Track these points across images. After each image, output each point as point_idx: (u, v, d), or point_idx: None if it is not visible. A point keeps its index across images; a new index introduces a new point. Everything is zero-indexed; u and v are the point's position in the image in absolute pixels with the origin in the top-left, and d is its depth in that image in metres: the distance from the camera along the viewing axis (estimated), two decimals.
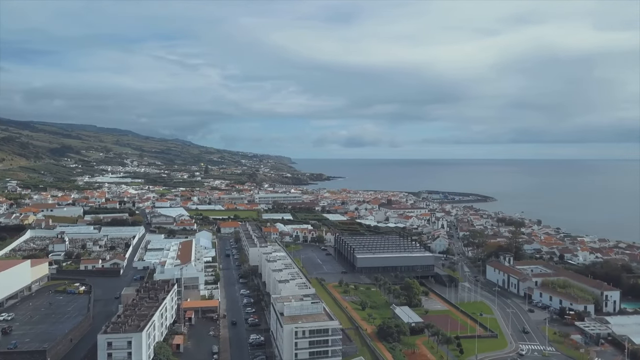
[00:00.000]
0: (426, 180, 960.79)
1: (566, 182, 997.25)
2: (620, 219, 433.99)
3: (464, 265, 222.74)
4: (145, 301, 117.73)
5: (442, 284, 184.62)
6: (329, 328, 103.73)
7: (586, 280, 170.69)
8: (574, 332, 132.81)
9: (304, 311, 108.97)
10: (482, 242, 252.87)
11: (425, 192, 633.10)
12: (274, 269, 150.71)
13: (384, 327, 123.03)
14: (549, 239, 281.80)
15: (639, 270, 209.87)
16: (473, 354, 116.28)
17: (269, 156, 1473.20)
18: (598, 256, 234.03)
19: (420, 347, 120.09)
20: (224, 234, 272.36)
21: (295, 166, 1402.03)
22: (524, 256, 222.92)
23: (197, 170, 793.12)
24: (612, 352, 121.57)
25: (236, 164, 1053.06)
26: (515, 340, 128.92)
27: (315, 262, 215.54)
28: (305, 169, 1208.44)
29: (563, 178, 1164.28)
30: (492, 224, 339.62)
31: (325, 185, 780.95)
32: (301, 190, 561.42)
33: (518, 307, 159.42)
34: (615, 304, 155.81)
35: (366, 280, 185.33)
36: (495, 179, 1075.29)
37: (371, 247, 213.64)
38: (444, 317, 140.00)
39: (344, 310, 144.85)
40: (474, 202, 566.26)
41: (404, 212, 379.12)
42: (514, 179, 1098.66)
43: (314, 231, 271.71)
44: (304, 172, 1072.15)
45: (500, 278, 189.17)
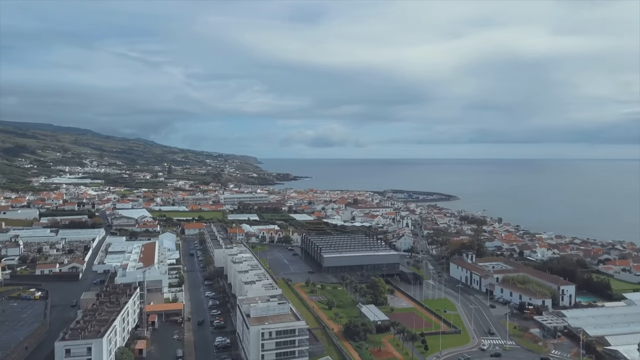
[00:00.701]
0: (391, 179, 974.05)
1: (524, 181, 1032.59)
2: (574, 215, 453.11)
3: (428, 263, 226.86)
4: (106, 306, 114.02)
5: (407, 281, 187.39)
6: (295, 328, 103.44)
7: (544, 275, 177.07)
8: (532, 326, 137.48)
9: (270, 312, 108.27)
10: (446, 240, 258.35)
11: (390, 192, 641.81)
12: (239, 270, 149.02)
13: (351, 326, 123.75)
14: (510, 236, 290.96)
15: (592, 265, 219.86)
16: (437, 350, 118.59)
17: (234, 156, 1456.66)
18: (555, 252, 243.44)
19: (386, 345, 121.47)
20: (188, 236, 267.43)
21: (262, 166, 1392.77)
22: (485, 253, 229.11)
23: (160, 171, 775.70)
24: (568, 344, 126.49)
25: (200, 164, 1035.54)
26: (478, 335, 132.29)
27: (282, 263, 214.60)
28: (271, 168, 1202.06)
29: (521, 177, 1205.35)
30: (455, 222, 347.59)
31: (292, 185, 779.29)
32: (267, 191, 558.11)
33: (480, 303, 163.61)
34: (571, 297, 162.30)
35: (333, 279, 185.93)
36: (457, 178, 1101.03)
37: (338, 246, 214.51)
38: (409, 315, 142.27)
39: (310, 310, 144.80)
40: (437, 201, 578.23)
41: (370, 211, 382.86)
42: (476, 178, 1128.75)
43: (281, 231, 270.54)
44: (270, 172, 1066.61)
45: (463, 275, 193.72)
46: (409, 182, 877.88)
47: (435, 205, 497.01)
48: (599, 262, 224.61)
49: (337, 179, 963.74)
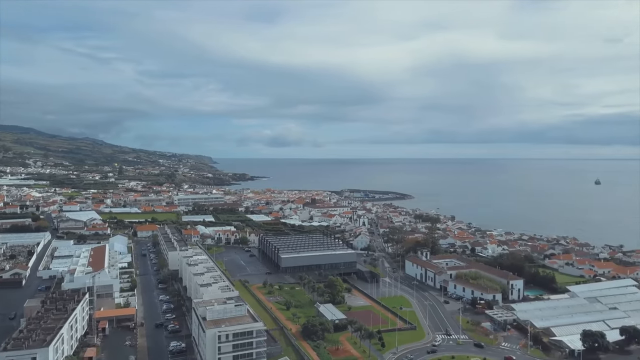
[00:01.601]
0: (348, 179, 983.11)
1: (475, 180, 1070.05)
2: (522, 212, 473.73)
3: (384, 261, 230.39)
4: (52, 313, 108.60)
5: (364, 280, 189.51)
6: (253, 330, 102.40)
7: (494, 271, 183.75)
8: (484, 320, 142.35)
9: (227, 314, 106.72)
10: (401, 238, 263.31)
11: (347, 191, 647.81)
12: (195, 272, 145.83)
13: (309, 325, 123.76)
14: (462, 233, 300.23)
15: (539, 260, 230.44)
16: (394, 346, 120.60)
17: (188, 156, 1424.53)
18: (504, 248, 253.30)
19: (344, 343, 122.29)
20: (141, 238, 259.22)
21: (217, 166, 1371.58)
22: (439, 250, 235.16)
23: (110, 171, 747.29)
24: (517, 336, 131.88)
25: (153, 164, 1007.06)
26: (432, 331, 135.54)
27: (238, 264, 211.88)
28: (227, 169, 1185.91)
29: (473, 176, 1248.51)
30: (410, 221, 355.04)
31: (249, 185, 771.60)
32: (223, 191, 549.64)
33: (435, 299, 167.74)
34: (520, 291, 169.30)
35: (291, 279, 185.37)
36: (412, 178, 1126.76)
37: (295, 246, 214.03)
38: (366, 313, 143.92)
39: (268, 311, 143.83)
40: (393, 199, 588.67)
41: (328, 211, 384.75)
42: (430, 178, 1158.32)
43: (238, 232, 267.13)
44: (226, 172, 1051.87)
45: (418, 272, 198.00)
46: (366, 182, 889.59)
47: (390, 204, 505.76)
48: (544, 257, 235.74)
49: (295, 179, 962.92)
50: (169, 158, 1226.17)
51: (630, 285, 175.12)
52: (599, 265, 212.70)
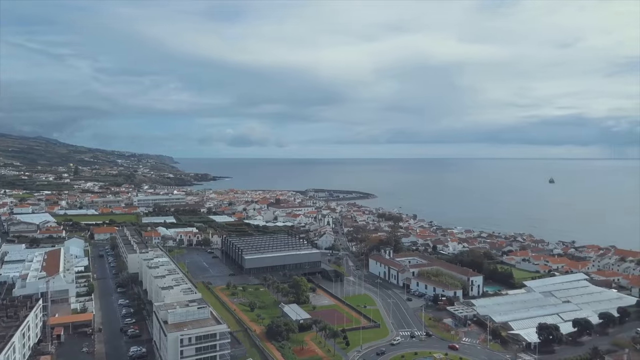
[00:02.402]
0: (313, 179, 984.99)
1: (435, 179, 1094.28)
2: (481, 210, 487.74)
3: (348, 260, 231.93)
4: (3, 321, 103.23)
5: (329, 279, 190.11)
6: (216, 332, 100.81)
7: (455, 268, 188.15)
8: (445, 316, 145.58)
9: (189, 317, 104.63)
10: (365, 237, 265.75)
11: (312, 191, 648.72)
12: (156, 275, 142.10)
13: (273, 326, 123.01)
14: (424, 231, 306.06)
15: (497, 256, 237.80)
16: (358, 344, 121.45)
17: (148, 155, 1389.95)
18: (465, 246, 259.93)
19: (309, 343, 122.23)
20: (98, 241, 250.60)
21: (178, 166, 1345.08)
22: (402, 249, 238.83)
23: (65, 172, 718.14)
24: (477, 331, 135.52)
25: (111, 164, 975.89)
26: (396, 328, 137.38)
27: (201, 266, 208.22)
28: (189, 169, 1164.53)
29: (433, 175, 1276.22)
30: (374, 220, 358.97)
31: (211, 185, 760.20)
32: (185, 192, 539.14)
33: (398, 297, 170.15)
34: (479, 287, 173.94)
35: (255, 280, 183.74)
36: (375, 177, 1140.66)
37: (259, 247, 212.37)
38: (330, 312, 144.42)
39: (232, 313, 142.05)
40: (357, 199, 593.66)
41: (292, 211, 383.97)
42: (392, 177, 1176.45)
43: (200, 234, 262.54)
44: (187, 172, 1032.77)
45: (382, 270, 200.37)
46: (330, 181, 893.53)
47: (354, 203, 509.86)
48: (502, 254, 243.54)
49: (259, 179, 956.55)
50: (127, 158, 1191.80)
51: (581, 279, 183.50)
52: (553, 261, 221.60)
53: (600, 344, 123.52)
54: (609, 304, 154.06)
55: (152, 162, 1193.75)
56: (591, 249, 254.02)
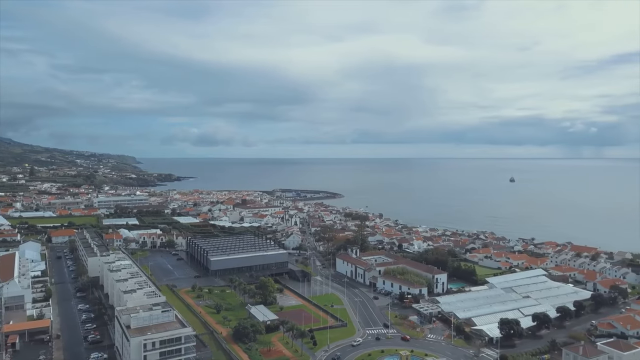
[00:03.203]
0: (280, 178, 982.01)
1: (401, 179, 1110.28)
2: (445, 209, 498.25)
3: (316, 260, 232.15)
4: None
5: (296, 279, 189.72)
6: (181, 336, 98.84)
7: (420, 266, 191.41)
8: (411, 314, 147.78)
9: (153, 321, 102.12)
10: (332, 237, 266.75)
11: (279, 191, 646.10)
12: (117, 279, 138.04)
13: (240, 328, 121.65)
14: (390, 230, 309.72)
15: (461, 254, 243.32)
16: (326, 344, 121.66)
17: (109, 155, 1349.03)
18: (429, 244, 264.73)
19: (276, 344, 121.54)
20: (56, 244, 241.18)
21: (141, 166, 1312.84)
22: (368, 247, 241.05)
23: (20, 172, 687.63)
24: (441, 327, 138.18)
25: (70, 164, 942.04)
26: (363, 326, 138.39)
27: (165, 268, 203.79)
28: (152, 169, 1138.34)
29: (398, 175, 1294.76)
30: (341, 219, 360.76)
31: (175, 186, 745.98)
32: (148, 192, 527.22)
33: (365, 295, 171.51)
34: (444, 285, 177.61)
35: (221, 282, 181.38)
36: (342, 177, 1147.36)
37: (225, 248, 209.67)
38: (298, 312, 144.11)
39: (197, 315, 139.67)
40: (324, 198, 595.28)
41: (259, 211, 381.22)
42: (358, 177, 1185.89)
43: (164, 235, 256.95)
44: (150, 172, 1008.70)
45: (349, 269, 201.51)
46: (298, 181, 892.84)
47: (322, 203, 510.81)
48: (466, 251, 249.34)
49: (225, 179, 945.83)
50: (87, 158, 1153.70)
51: (540, 274, 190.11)
52: (513, 258, 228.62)
53: (558, 337, 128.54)
54: (565, 298, 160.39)
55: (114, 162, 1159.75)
56: (549, 246, 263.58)
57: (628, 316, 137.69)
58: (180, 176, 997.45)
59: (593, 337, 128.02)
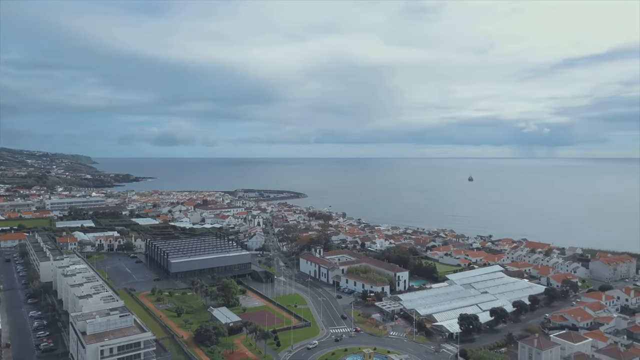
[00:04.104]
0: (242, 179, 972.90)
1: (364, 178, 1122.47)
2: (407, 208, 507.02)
3: (279, 260, 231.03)
4: None
5: (259, 280, 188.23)
6: (140, 341, 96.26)
7: (382, 264, 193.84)
8: (374, 312, 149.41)
9: (111, 327, 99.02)
10: (296, 237, 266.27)
11: (241, 191, 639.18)
12: (72, 284, 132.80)
13: (201, 331, 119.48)
14: (353, 229, 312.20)
15: (422, 252, 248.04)
16: (289, 344, 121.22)
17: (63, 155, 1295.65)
18: (391, 242, 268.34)
19: (239, 346, 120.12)
20: (5, 249, 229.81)
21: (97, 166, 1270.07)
22: (332, 247, 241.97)
23: None
24: (404, 324, 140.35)
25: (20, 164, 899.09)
26: (326, 326, 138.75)
27: (123, 272, 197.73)
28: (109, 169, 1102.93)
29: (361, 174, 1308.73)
30: (304, 219, 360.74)
31: (134, 187, 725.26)
32: (105, 194, 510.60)
33: (328, 294, 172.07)
34: (405, 282, 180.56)
35: (182, 285, 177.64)
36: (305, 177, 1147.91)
37: (186, 250, 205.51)
38: (261, 313, 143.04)
39: (158, 319, 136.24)
40: (287, 198, 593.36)
41: (221, 212, 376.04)
42: (322, 176, 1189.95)
43: (122, 238, 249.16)
44: (107, 173, 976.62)
45: (312, 269, 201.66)
46: (260, 181, 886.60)
47: (285, 203, 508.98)
48: (427, 249, 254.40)
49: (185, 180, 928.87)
50: (39, 158, 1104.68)
51: (497, 271, 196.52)
52: (472, 255, 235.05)
53: (515, 331, 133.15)
54: (521, 292, 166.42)
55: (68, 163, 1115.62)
56: (506, 243, 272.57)
57: (579, 309, 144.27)
58: (139, 176, 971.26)
59: (547, 330, 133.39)
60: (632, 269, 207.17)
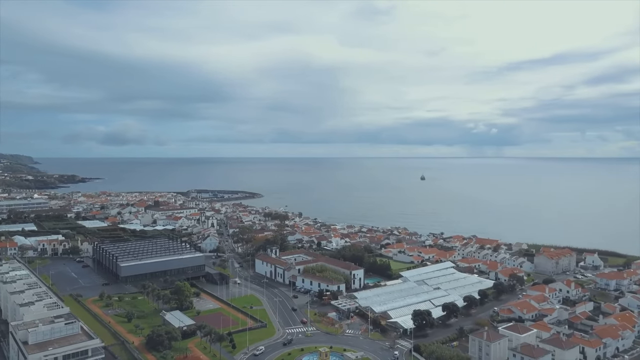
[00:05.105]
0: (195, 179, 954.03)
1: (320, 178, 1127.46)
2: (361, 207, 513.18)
3: (234, 262, 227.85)
4: None
5: (214, 282, 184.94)
6: (88, 349, 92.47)
7: (338, 262, 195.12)
8: (330, 311, 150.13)
9: (55, 335, 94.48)
10: (251, 237, 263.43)
11: (194, 192, 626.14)
12: (12, 291, 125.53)
13: (153, 336, 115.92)
14: (309, 229, 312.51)
15: (376, 250, 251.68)
16: (245, 346, 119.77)
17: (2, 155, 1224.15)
18: (347, 241, 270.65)
19: (193, 350, 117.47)
20: None
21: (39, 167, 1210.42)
22: (288, 247, 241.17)
23: None
24: (359, 322, 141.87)
25: None
26: (282, 326, 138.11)
27: (69, 277, 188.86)
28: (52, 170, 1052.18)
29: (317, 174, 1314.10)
30: (260, 219, 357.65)
31: (80, 188, 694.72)
32: (48, 195, 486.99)
33: (284, 295, 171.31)
34: (361, 280, 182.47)
35: (133, 289, 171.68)
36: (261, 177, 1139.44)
37: (137, 253, 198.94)
38: (216, 316, 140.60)
39: (107, 325, 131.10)
40: (242, 199, 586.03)
41: (173, 213, 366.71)
42: (277, 176, 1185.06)
43: (67, 242, 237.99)
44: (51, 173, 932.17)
45: (268, 270, 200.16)
46: (214, 181, 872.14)
47: (240, 203, 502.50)
48: (381, 247, 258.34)
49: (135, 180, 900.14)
50: None
51: (449, 267, 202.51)
52: (425, 252, 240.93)
53: (465, 324, 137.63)
54: (471, 287, 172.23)
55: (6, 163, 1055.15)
56: (456, 239, 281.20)
57: (524, 301, 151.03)
58: (85, 177, 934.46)
59: (495, 323, 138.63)
60: (572, 263, 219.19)
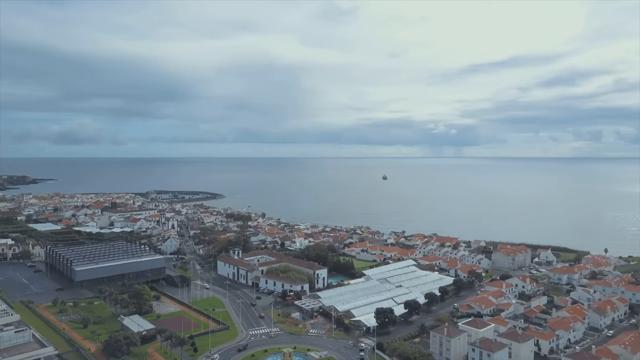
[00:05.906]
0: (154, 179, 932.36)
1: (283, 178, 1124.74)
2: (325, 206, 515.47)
3: (195, 264, 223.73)
4: None
5: (175, 285, 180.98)
6: (40, 357, 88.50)
7: (302, 262, 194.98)
8: (294, 311, 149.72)
9: (4, 344, 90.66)
10: (213, 239, 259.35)
11: (153, 193, 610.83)
12: None
13: (111, 341, 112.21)
14: (272, 229, 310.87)
15: (340, 249, 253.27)
16: (207, 349, 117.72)
17: None
18: (311, 240, 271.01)
19: (153, 355, 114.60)
20: None
21: None
22: (251, 248, 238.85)
23: None
24: (323, 321, 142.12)
25: None
26: (246, 328, 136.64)
27: (19, 283, 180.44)
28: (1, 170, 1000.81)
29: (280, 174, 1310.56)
30: (222, 220, 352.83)
31: (31, 189, 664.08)
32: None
33: (247, 296, 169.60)
34: (324, 280, 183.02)
35: (89, 294, 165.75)
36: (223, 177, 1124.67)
37: (93, 256, 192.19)
38: (177, 319, 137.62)
39: (61, 332, 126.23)
40: (204, 200, 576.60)
41: (131, 215, 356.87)
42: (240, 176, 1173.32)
43: (17, 246, 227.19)
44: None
45: (231, 271, 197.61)
46: (174, 182, 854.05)
47: (202, 204, 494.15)
48: (344, 246, 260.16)
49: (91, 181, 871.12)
50: None
51: (411, 265, 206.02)
52: (387, 250, 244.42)
53: (427, 321, 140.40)
54: (432, 285, 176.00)
55: None
56: (418, 238, 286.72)
57: (483, 297, 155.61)
58: (37, 178, 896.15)
59: (455, 319, 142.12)
60: (527, 259, 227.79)
